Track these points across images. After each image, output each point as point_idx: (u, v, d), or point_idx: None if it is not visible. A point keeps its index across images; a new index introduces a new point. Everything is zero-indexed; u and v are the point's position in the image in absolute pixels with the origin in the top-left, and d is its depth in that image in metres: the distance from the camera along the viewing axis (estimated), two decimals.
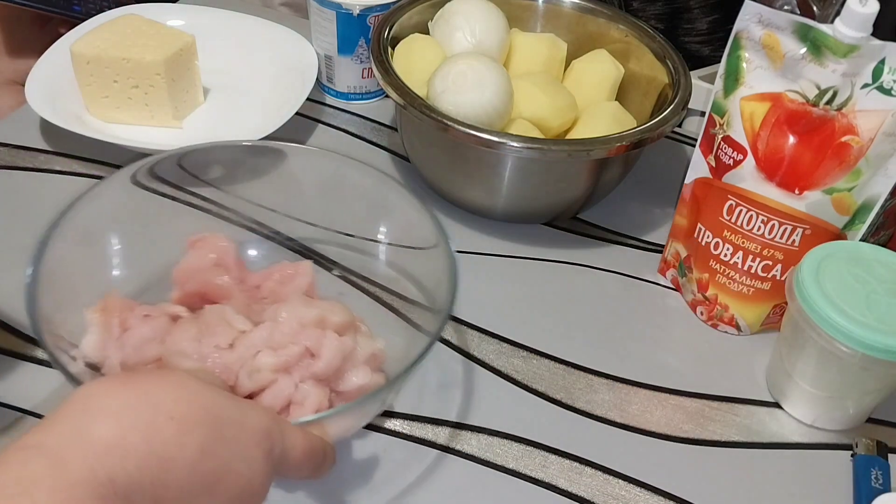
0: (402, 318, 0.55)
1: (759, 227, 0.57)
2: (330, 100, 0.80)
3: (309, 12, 0.77)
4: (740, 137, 0.56)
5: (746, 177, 0.56)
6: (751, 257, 0.58)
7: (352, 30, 0.75)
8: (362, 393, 0.48)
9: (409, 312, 0.55)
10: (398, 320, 0.55)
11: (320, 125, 0.77)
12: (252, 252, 0.58)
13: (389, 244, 0.57)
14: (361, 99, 0.80)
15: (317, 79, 0.77)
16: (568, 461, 0.52)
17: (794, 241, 0.56)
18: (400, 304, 0.56)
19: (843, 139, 0.52)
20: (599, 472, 0.52)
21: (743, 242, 0.58)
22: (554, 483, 0.51)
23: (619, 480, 0.52)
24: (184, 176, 0.56)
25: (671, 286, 0.65)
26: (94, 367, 0.47)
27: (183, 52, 0.71)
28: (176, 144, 0.71)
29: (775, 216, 0.56)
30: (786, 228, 0.56)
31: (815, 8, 0.60)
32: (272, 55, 0.79)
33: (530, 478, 0.51)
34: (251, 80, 0.79)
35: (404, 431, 0.53)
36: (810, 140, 0.53)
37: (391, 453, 0.52)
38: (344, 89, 0.80)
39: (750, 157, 0.55)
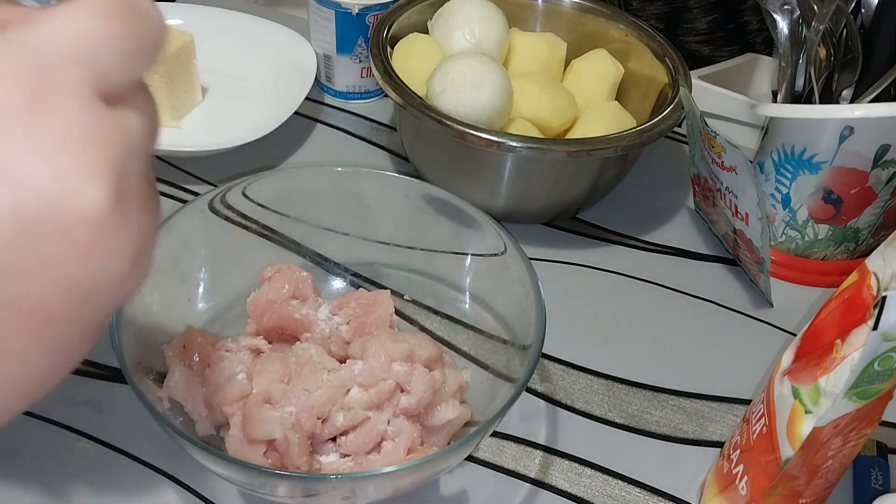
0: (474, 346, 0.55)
1: None
2: (329, 99, 0.80)
3: (308, 11, 0.77)
4: None
5: None
6: None
7: (351, 29, 0.75)
8: (452, 427, 0.48)
9: (483, 343, 0.54)
10: (473, 347, 0.55)
11: (319, 125, 0.77)
12: (325, 280, 0.58)
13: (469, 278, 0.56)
14: (360, 98, 0.80)
15: (315, 78, 0.77)
16: (567, 461, 0.52)
17: None
18: (470, 334, 0.55)
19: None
20: (599, 473, 0.52)
21: None
22: (553, 483, 0.51)
23: (619, 481, 0.52)
24: (250, 205, 0.55)
25: (670, 286, 0.65)
26: (179, 406, 0.47)
27: (181, 52, 0.71)
28: (174, 144, 0.71)
29: None
30: None
31: (815, 7, 0.60)
32: (271, 54, 0.79)
33: (529, 478, 0.51)
34: (250, 79, 0.78)
35: None
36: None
37: None
38: (343, 88, 0.79)
39: None
